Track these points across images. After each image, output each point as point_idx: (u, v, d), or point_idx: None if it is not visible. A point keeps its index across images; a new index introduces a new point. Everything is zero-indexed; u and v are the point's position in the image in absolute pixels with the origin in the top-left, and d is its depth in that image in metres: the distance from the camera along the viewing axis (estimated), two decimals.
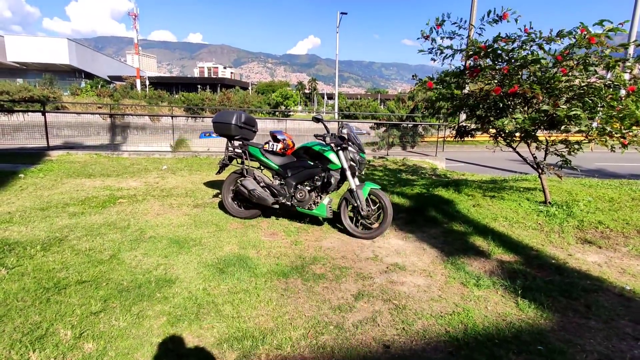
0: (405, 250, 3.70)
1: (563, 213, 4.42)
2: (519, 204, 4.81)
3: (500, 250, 3.61)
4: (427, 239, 4.00)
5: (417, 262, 3.43)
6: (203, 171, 7.38)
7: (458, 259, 3.45)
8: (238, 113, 4.32)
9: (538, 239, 3.90)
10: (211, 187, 5.96)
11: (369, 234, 3.97)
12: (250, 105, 46.94)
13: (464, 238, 3.93)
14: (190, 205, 4.92)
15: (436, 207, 4.83)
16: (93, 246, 3.46)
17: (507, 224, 4.28)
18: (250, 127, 4.50)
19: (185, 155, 9.29)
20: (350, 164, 3.96)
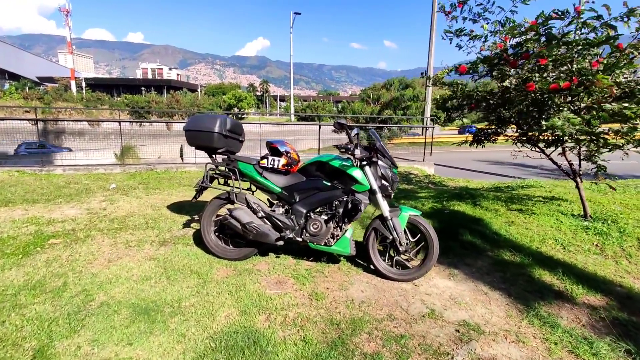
0: (462, 297, 2.79)
1: (614, 230, 3.79)
2: (557, 220, 4.14)
3: (581, 289, 2.83)
4: (479, 275, 3.13)
5: (489, 317, 2.53)
6: (163, 189, 5.99)
7: (539, 308, 2.61)
8: (222, 117, 3.16)
9: (609, 267, 3.19)
10: (179, 212, 4.67)
11: (408, 274, 3.02)
12: (201, 108, 44.32)
13: (525, 272, 3.12)
14: (154, 243, 3.64)
15: (466, 227, 4.00)
16: (3, 334, 2.15)
17: (560, 247, 3.55)
18: (237, 136, 3.36)
19: (138, 169, 7.70)
20: (382, 183, 2.98)
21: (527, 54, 3.28)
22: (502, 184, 7.02)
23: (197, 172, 7.81)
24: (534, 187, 6.25)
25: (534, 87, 3.73)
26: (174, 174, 7.39)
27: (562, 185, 6.45)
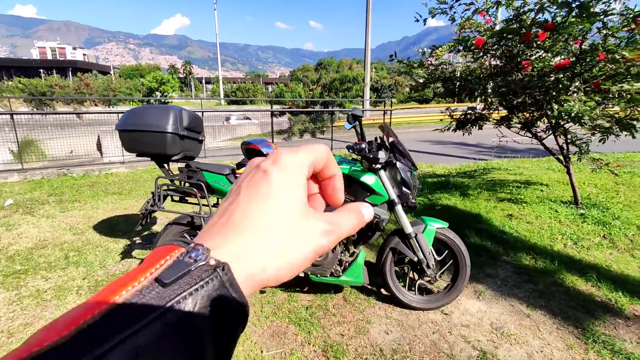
0: (506, 325, 2.29)
1: (609, 217, 3.63)
2: (551, 209, 3.91)
3: (623, 298, 2.51)
4: (509, 291, 2.67)
5: (549, 351, 2.06)
6: (85, 201, 4.66)
7: (595, 330, 2.21)
8: (175, 110, 2.20)
9: (631, 264, 2.95)
10: (111, 235, 3.55)
11: (435, 301, 2.45)
12: (117, 92, 39.39)
13: (556, 281, 2.73)
14: (83, 289, 2.58)
15: (468, 226, 3.56)
16: None
17: (572, 243, 3.27)
18: (196, 135, 2.41)
19: (46, 174, 6.03)
20: (403, 191, 2.31)
21: (551, 24, 2.80)
22: (466, 167, 6.86)
23: (129, 174, 6.42)
24: (499, 170, 6.14)
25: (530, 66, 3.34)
26: (96, 179, 5.91)
27: (520, 165, 6.46)
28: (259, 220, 0.25)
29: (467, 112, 4.31)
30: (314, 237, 0.26)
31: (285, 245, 0.25)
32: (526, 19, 3.23)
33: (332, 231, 0.27)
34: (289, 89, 19.24)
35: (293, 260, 0.25)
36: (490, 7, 3.21)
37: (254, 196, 0.26)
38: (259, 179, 0.26)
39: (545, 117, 3.50)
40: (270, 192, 0.26)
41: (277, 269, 0.25)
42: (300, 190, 0.27)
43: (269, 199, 0.25)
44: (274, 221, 0.25)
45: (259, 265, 0.24)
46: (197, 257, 0.21)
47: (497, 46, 3.24)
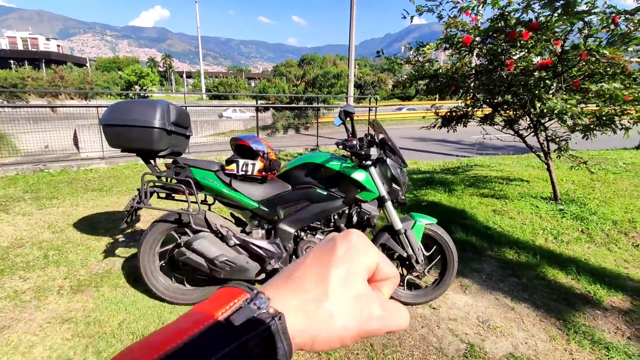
0: (491, 318, 2.35)
1: (586, 212, 3.77)
2: (532, 205, 4.02)
3: (601, 290, 2.61)
4: (494, 284, 2.74)
5: (533, 343, 2.13)
6: (63, 198, 4.49)
7: (576, 321, 2.30)
8: (162, 105, 2.14)
9: (607, 257, 3.07)
10: (93, 233, 3.44)
11: (424, 296, 2.49)
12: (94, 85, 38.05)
13: (538, 274, 2.82)
14: (65, 290, 2.50)
15: (454, 222, 3.63)
16: None
17: (553, 238, 3.38)
18: (183, 130, 2.36)
19: (21, 170, 5.76)
20: (393, 188, 2.33)
21: (535, 23, 2.86)
22: (449, 163, 6.98)
23: (109, 170, 6.23)
24: (482, 167, 6.28)
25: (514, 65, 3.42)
26: (75, 175, 5.71)
27: (501, 162, 6.63)
28: (314, 285, 0.27)
29: (453, 110, 4.37)
30: (364, 318, 0.27)
31: (331, 317, 0.26)
32: (510, 18, 3.30)
33: (384, 318, 0.28)
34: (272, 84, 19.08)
35: (332, 333, 0.27)
36: (477, 5, 3.25)
37: (317, 260, 0.28)
38: (327, 247, 0.29)
39: (527, 115, 3.58)
40: (332, 261, 0.28)
41: (314, 336, 0.26)
42: (361, 267, 0.29)
43: (328, 267, 0.28)
44: (327, 291, 0.27)
45: (301, 328, 0.26)
46: (260, 305, 0.24)
47: (482, 44, 3.29)
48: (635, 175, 5.13)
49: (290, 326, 0.25)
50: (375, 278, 0.31)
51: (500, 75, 3.46)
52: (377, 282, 0.32)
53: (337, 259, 0.28)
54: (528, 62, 3.42)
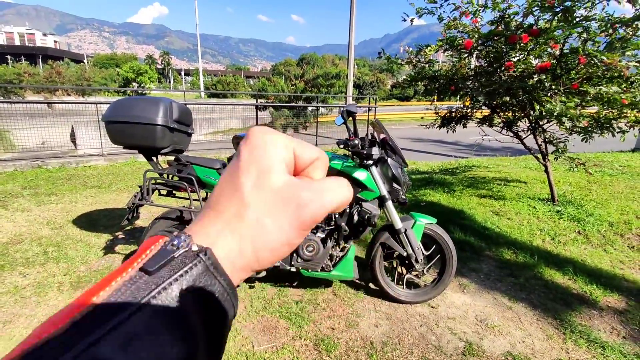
0: (489, 317, 2.38)
1: (584, 214, 3.81)
2: (530, 206, 4.06)
3: (597, 290, 2.64)
4: (492, 284, 2.76)
5: (530, 342, 2.16)
6: (62, 194, 4.49)
7: (572, 321, 2.33)
8: (165, 102, 2.15)
9: (603, 258, 3.11)
10: (93, 229, 3.44)
11: (423, 295, 2.51)
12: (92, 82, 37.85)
13: (536, 274, 2.85)
14: (64, 286, 2.50)
15: (453, 222, 3.66)
16: None
17: (550, 239, 3.41)
18: (185, 128, 2.37)
19: (19, 166, 5.75)
20: (393, 187, 2.35)
21: (536, 30, 2.89)
22: (447, 164, 7.02)
23: (108, 167, 6.22)
24: (480, 168, 6.31)
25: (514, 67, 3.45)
26: (74, 172, 5.70)
27: (499, 163, 6.67)
28: (229, 200, 0.24)
29: (452, 110, 4.40)
30: (293, 208, 0.24)
31: (260, 224, 0.24)
32: (511, 21, 3.32)
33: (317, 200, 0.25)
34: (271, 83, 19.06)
35: (270, 240, 0.24)
36: (478, 9, 3.27)
37: (226, 176, 0.25)
38: (231, 163, 0.26)
39: (526, 117, 3.62)
40: (239, 168, 0.24)
41: (254, 251, 0.24)
42: (272, 160, 0.25)
43: (237, 176, 0.24)
44: (243, 199, 0.24)
45: (235, 249, 0.23)
46: (179, 245, 0.21)
47: (481, 47, 3.32)
48: (631, 178, 5.18)
49: (224, 255, 0.23)
50: (300, 166, 0.28)
51: (500, 77, 3.49)
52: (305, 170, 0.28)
53: (244, 164, 0.24)
54: (527, 64, 3.45)
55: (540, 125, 3.72)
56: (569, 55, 3.14)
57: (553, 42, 3.12)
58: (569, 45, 3.22)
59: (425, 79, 4.17)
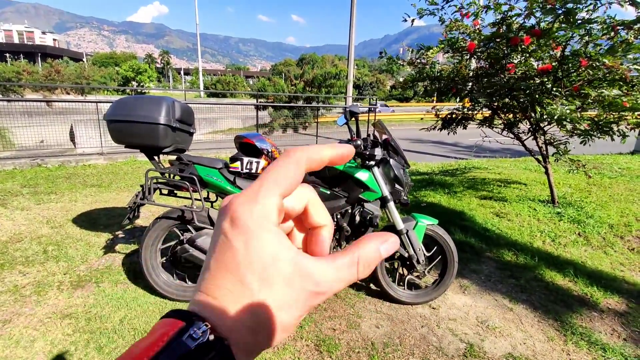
0: (490, 319, 2.38)
1: (584, 216, 3.81)
2: (530, 207, 4.06)
3: (597, 292, 2.65)
4: (493, 285, 2.77)
5: (531, 344, 2.16)
6: (62, 193, 4.48)
7: (573, 323, 2.33)
8: (168, 101, 2.15)
9: (604, 260, 3.11)
10: (93, 229, 3.43)
11: (424, 296, 2.51)
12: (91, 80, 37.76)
13: (536, 276, 2.85)
14: (65, 285, 2.49)
15: (453, 223, 3.66)
16: None
17: (550, 241, 3.41)
18: (187, 127, 2.37)
19: (18, 164, 5.73)
20: (395, 188, 2.35)
21: (538, 30, 2.89)
22: (448, 165, 7.03)
23: (108, 166, 6.20)
24: (480, 169, 6.32)
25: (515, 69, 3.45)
26: (73, 170, 5.68)
27: (499, 165, 6.68)
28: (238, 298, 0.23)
29: (453, 112, 4.40)
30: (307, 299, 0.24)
31: (275, 318, 0.23)
32: (512, 22, 3.33)
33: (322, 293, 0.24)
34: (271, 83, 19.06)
35: (284, 328, 0.24)
36: (480, 10, 3.28)
37: (225, 271, 0.23)
38: (223, 249, 0.24)
39: (527, 119, 3.62)
40: (239, 265, 0.23)
41: (269, 339, 0.24)
42: (275, 247, 0.23)
43: (239, 272, 0.23)
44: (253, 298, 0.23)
45: (251, 342, 0.23)
46: (196, 336, 0.21)
47: (483, 48, 3.32)
48: (630, 180, 5.20)
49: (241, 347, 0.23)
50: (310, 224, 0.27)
51: (501, 78, 3.49)
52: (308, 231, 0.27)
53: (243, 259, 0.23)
54: (528, 66, 3.46)
55: (541, 127, 3.72)
56: (571, 57, 3.15)
57: (555, 44, 3.12)
58: (571, 47, 3.23)
59: (427, 79, 4.17)
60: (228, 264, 0.23)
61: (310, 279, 0.24)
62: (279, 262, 0.23)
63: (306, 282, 0.23)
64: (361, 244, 0.25)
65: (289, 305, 0.23)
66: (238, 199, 0.24)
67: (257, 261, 0.23)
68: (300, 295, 0.24)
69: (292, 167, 0.25)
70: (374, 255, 0.25)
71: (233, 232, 0.23)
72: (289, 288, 0.23)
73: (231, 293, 0.23)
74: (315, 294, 0.24)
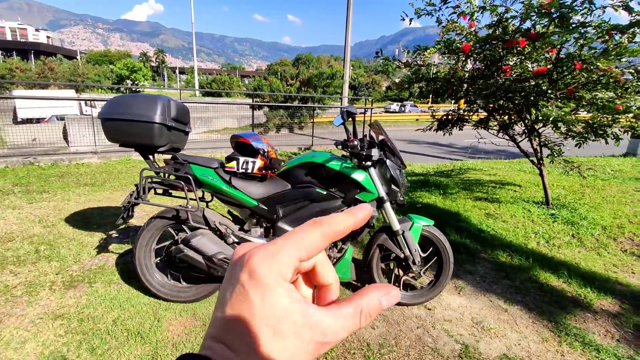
0: (485, 319, 2.38)
1: (578, 217, 3.84)
2: (524, 209, 4.09)
3: (591, 293, 2.67)
4: (488, 286, 2.78)
5: (526, 344, 2.17)
6: (54, 191, 4.42)
7: (567, 324, 2.35)
8: (163, 100, 2.12)
9: (597, 262, 3.14)
10: (86, 228, 3.39)
11: (420, 297, 2.51)
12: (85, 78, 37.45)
13: (531, 277, 2.87)
14: (57, 285, 2.46)
15: (448, 224, 3.67)
16: None
17: (544, 242, 3.44)
18: (183, 127, 2.35)
19: (10, 162, 5.63)
20: (392, 189, 2.35)
21: (534, 33, 2.90)
22: (443, 166, 7.06)
23: (101, 165, 6.14)
24: (474, 170, 6.36)
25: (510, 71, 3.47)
26: (66, 169, 5.61)
27: (494, 166, 6.72)
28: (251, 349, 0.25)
29: (449, 113, 4.42)
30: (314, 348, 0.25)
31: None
32: (508, 25, 3.35)
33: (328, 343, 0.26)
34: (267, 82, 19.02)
35: None
36: (476, 11, 3.29)
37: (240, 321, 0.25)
38: (240, 299, 0.25)
39: (522, 121, 3.64)
40: (254, 316, 0.25)
41: None
42: (289, 302, 0.25)
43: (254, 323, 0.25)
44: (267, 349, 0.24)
45: None
46: None
47: (479, 50, 3.34)
48: (623, 182, 5.26)
49: None
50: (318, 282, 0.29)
51: (497, 80, 3.51)
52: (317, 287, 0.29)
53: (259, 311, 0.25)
54: (524, 68, 3.48)
55: (535, 129, 3.75)
56: (565, 60, 3.17)
57: (550, 47, 3.14)
58: (566, 50, 3.25)
59: (423, 80, 4.18)
60: (244, 315, 0.25)
61: (318, 329, 0.25)
62: (291, 315, 0.25)
63: (314, 332, 0.25)
64: (365, 294, 0.27)
65: (298, 355, 0.25)
66: (258, 254, 0.25)
67: (271, 314, 0.25)
68: (309, 346, 0.25)
69: (317, 237, 0.26)
70: (376, 306, 0.27)
71: (251, 285, 0.25)
72: (298, 339, 0.25)
73: (245, 343, 0.24)
74: (321, 344, 0.25)
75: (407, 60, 4.19)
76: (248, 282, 0.25)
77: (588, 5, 2.84)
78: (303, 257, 0.26)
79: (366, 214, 0.29)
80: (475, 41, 3.25)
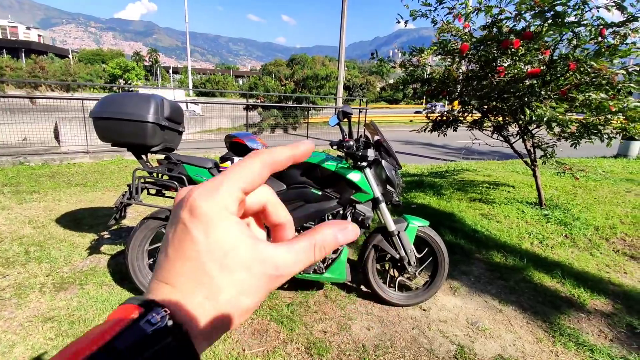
0: (480, 320, 2.39)
1: (571, 218, 3.88)
2: (518, 209, 4.11)
3: (584, 293, 2.69)
4: (482, 287, 2.78)
5: (521, 345, 2.17)
6: (45, 192, 4.34)
7: (561, 324, 2.36)
8: (156, 99, 2.09)
9: (590, 262, 3.16)
10: (77, 229, 3.34)
11: (415, 298, 2.50)
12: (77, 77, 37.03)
13: (525, 277, 2.88)
14: (47, 287, 2.41)
15: (443, 224, 3.68)
16: None
17: (538, 242, 3.46)
18: (176, 126, 2.32)
19: (0, 162, 5.57)
20: (387, 189, 2.34)
21: (529, 33, 2.92)
22: (437, 167, 7.08)
23: (93, 165, 6.06)
24: (469, 171, 6.39)
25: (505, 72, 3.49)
26: (57, 169, 5.52)
27: (488, 167, 6.76)
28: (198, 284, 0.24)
29: (443, 114, 4.43)
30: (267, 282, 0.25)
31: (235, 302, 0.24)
32: (502, 26, 3.36)
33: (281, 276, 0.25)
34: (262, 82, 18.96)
35: (244, 311, 0.25)
36: (471, 12, 3.30)
37: (184, 259, 0.24)
38: (182, 238, 0.24)
39: (516, 122, 3.66)
40: (199, 253, 0.24)
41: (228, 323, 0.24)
42: (236, 235, 0.24)
43: (200, 260, 0.24)
44: (213, 284, 0.24)
45: (209, 325, 0.24)
46: (154, 322, 0.21)
47: (474, 51, 3.35)
48: (614, 183, 5.31)
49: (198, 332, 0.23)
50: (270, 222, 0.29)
51: (491, 81, 3.52)
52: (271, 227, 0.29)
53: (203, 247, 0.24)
54: (518, 69, 3.50)
55: (529, 130, 3.77)
56: (559, 61, 3.19)
57: (544, 48, 3.16)
58: (559, 51, 3.28)
59: (418, 81, 4.19)
60: (187, 252, 0.24)
61: (270, 263, 0.24)
62: (239, 249, 0.24)
63: (266, 266, 0.24)
64: (319, 229, 0.26)
65: (248, 289, 0.24)
66: (198, 190, 0.24)
67: (217, 249, 0.24)
68: (261, 280, 0.24)
69: (257, 166, 0.26)
70: (331, 241, 0.26)
71: (192, 221, 0.24)
72: (248, 273, 0.24)
73: (191, 280, 0.24)
74: (274, 277, 0.25)
75: (402, 61, 4.20)
76: (189, 220, 0.24)
77: (581, 4, 2.85)
78: (246, 188, 0.25)
79: (308, 147, 0.28)
80: (471, 43, 3.26)
